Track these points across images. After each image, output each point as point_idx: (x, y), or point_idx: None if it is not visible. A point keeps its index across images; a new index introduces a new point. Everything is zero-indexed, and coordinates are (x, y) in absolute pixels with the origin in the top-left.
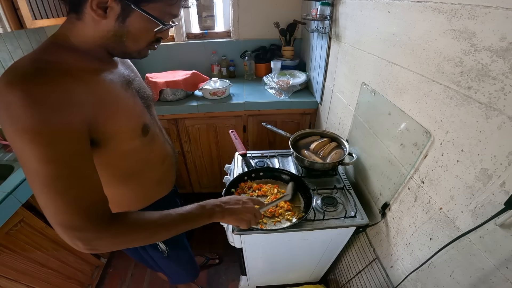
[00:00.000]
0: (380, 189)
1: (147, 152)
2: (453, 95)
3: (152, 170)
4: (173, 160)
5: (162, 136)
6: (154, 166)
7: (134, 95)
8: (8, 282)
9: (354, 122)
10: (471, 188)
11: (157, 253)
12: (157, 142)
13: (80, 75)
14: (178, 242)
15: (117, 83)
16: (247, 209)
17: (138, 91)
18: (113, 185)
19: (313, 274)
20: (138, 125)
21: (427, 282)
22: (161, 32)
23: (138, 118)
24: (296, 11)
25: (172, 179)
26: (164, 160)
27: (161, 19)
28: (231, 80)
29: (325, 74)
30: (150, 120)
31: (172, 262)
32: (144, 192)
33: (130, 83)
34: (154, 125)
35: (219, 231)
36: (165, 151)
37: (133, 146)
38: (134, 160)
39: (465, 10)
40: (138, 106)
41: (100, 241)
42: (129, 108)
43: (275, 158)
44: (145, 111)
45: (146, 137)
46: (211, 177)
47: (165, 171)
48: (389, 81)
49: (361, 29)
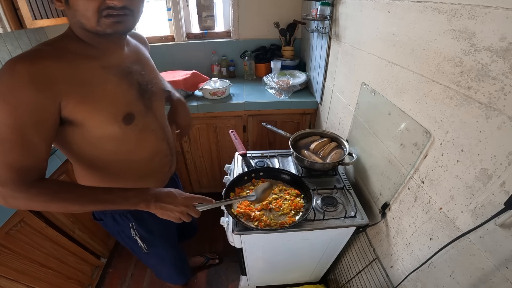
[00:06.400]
0: (380, 189)
1: (131, 143)
2: (453, 95)
3: (135, 164)
4: (166, 160)
5: (162, 133)
6: (140, 160)
7: (130, 85)
8: (8, 282)
9: (354, 122)
10: (471, 188)
11: (137, 247)
12: (150, 137)
13: (69, 57)
14: (158, 241)
15: (109, 70)
16: (176, 208)
17: (140, 84)
18: (88, 168)
19: (313, 274)
20: (119, 111)
21: (427, 282)
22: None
23: (122, 106)
24: (296, 11)
25: (163, 178)
26: (154, 156)
27: None
28: (231, 80)
29: (325, 74)
30: (143, 113)
31: (152, 259)
32: (121, 183)
33: (129, 74)
34: (151, 120)
35: (219, 231)
36: (158, 148)
37: (111, 131)
38: (113, 147)
39: (465, 10)
40: (129, 95)
41: (14, 200)
42: (115, 94)
43: (275, 158)
44: (139, 103)
45: (130, 126)
46: (211, 177)
47: (153, 168)
48: (389, 81)
49: (361, 29)
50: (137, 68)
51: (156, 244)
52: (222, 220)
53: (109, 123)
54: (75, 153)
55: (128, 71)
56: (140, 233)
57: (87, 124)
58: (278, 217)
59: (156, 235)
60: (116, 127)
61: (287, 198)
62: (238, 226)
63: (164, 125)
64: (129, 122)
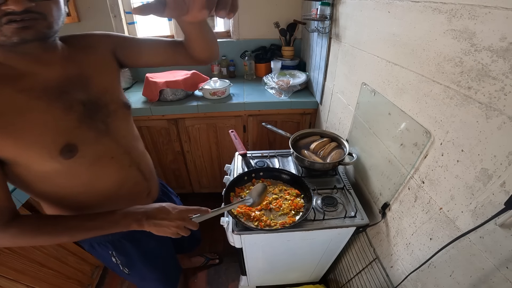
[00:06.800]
0: (380, 189)
1: (83, 177)
2: (453, 95)
3: (98, 197)
4: (140, 187)
5: (127, 159)
6: (102, 192)
7: (66, 108)
8: (8, 282)
9: (354, 122)
10: (471, 188)
11: (118, 269)
12: (109, 166)
13: None
14: (141, 265)
15: (31, 93)
16: (171, 223)
17: (85, 104)
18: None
19: (313, 274)
20: (54, 143)
21: (427, 282)
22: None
23: (57, 136)
24: (296, 11)
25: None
26: (121, 186)
27: None
28: (231, 80)
29: (325, 74)
30: (93, 140)
31: (134, 279)
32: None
33: (64, 94)
34: (109, 146)
35: (219, 231)
36: (124, 176)
37: (51, 168)
38: (64, 181)
39: (465, 10)
40: (65, 121)
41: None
42: (44, 123)
43: (275, 158)
44: (84, 129)
45: (73, 160)
46: (211, 177)
47: (125, 197)
48: (389, 81)
49: (361, 29)
50: (78, 84)
51: (139, 267)
52: (222, 220)
53: (43, 159)
54: (30, 190)
55: (63, 91)
56: (121, 260)
57: (21, 162)
58: (278, 217)
59: (139, 260)
60: (54, 163)
61: (287, 198)
62: (238, 226)
63: (130, 148)
64: (70, 156)
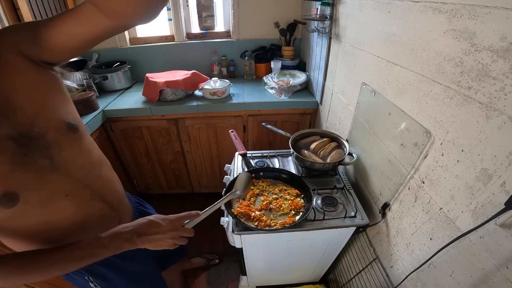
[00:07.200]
0: (380, 189)
1: (36, 218)
2: (454, 95)
3: (60, 236)
4: (108, 218)
5: (87, 192)
6: (63, 231)
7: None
8: None
9: (354, 122)
10: (471, 188)
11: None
12: (64, 205)
13: None
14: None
15: None
16: (165, 235)
17: (15, 138)
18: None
19: (313, 274)
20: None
21: (427, 282)
22: None
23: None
24: (296, 11)
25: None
26: (83, 222)
27: None
28: (231, 80)
29: (325, 74)
30: (37, 181)
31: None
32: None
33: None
34: (59, 183)
35: (219, 231)
36: (86, 212)
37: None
38: (15, 225)
39: (466, 10)
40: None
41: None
42: None
43: (275, 158)
44: (20, 171)
45: (16, 208)
46: (211, 177)
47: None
48: (389, 81)
49: (361, 29)
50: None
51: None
52: (222, 220)
53: None
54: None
55: None
56: (100, 284)
57: None
58: (278, 217)
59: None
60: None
61: (287, 198)
62: (238, 226)
63: (90, 180)
64: (12, 205)
